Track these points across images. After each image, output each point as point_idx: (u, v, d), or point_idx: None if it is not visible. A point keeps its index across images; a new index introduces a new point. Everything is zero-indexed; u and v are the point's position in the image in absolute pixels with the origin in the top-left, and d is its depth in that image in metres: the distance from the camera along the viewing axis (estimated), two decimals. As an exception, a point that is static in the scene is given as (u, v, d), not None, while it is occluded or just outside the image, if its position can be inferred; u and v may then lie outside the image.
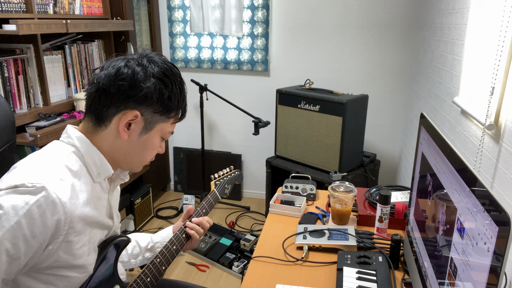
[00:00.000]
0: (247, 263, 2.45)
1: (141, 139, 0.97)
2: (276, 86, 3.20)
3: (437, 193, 0.93)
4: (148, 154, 1.01)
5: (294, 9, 3.01)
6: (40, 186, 0.79)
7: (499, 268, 0.59)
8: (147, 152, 1.00)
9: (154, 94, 0.93)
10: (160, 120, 0.97)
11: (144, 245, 1.27)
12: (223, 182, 1.46)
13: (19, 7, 1.91)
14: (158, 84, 0.94)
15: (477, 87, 1.50)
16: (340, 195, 1.42)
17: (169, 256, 1.12)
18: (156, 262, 1.08)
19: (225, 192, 1.46)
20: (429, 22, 2.44)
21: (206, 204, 1.31)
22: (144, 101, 0.93)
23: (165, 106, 0.96)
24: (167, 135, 1.03)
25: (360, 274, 1.12)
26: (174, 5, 3.19)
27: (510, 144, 1.15)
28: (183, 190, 3.62)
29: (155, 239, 1.28)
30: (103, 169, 0.96)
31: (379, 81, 3.02)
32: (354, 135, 2.56)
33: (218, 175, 1.46)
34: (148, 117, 0.95)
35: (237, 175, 1.55)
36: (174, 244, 1.15)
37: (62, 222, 0.81)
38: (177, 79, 1.00)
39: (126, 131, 0.94)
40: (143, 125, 0.95)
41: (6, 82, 1.90)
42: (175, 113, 1.01)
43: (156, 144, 1.01)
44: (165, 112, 0.97)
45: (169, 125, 1.01)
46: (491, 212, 0.62)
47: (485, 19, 1.46)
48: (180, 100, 1.00)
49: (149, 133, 0.97)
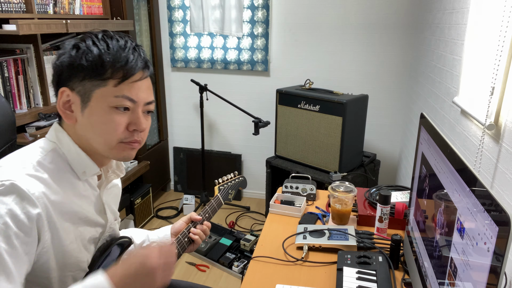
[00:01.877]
0: (247, 263, 2.45)
1: (85, 115, 0.88)
2: (276, 86, 3.20)
3: (437, 193, 0.93)
4: (104, 131, 0.88)
5: (294, 9, 3.01)
6: (8, 183, 0.78)
7: (499, 268, 0.59)
8: (100, 129, 0.88)
9: (67, 63, 0.87)
10: (94, 87, 0.86)
11: (139, 243, 1.24)
12: (227, 187, 1.45)
13: (19, 7, 1.91)
14: (72, 52, 0.87)
15: (477, 87, 1.50)
16: (340, 195, 1.42)
17: None
18: None
19: (228, 198, 1.44)
20: (429, 22, 2.44)
21: (210, 209, 1.31)
22: (64, 74, 0.87)
23: (88, 68, 0.85)
24: (119, 101, 0.87)
25: (360, 274, 1.12)
26: (174, 5, 3.19)
27: (510, 144, 1.15)
28: (183, 190, 3.62)
29: (152, 238, 1.26)
30: (87, 167, 0.93)
31: (379, 81, 3.02)
32: (354, 135, 2.56)
33: (222, 180, 1.45)
34: (79, 88, 0.87)
35: (241, 180, 1.54)
36: (176, 248, 1.14)
37: (42, 217, 0.80)
38: (97, 36, 0.89)
39: (69, 113, 0.89)
40: (80, 99, 0.87)
41: (6, 82, 1.90)
42: (111, 72, 0.86)
43: (106, 117, 0.87)
44: (94, 75, 0.86)
45: (111, 88, 0.86)
46: (491, 212, 0.62)
47: (485, 19, 1.46)
48: (108, 54, 0.86)
49: (89, 105, 0.87)
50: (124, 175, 2.83)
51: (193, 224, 1.23)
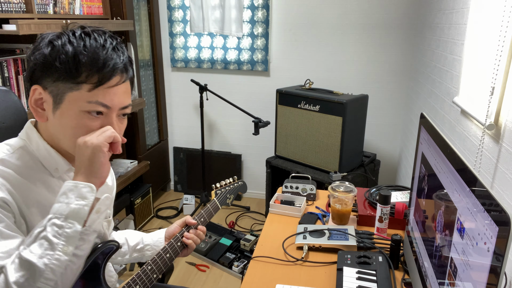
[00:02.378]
0: (247, 263, 2.45)
1: (56, 116, 0.85)
2: (276, 86, 3.20)
3: (437, 193, 0.93)
4: (78, 135, 0.85)
5: (294, 9, 3.01)
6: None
7: (499, 268, 0.59)
8: (74, 133, 0.85)
9: (40, 62, 0.83)
10: (67, 89, 0.82)
11: (133, 245, 1.23)
12: (225, 191, 1.43)
13: (19, 7, 1.91)
14: (46, 50, 0.83)
15: (477, 87, 1.50)
16: (340, 195, 1.42)
17: (162, 264, 1.09)
18: (147, 270, 1.05)
19: (226, 202, 1.43)
20: (429, 22, 2.44)
21: (205, 214, 1.29)
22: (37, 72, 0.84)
23: (62, 70, 0.82)
24: (92, 107, 0.83)
25: (360, 274, 1.12)
26: (174, 5, 3.19)
27: (510, 144, 1.15)
28: (183, 190, 3.62)
29: (146, 241, 1.24)
30: (58, 163, 0.92)
31: (379, 81, 3.02)
32: (354, 135, 2.56)
33: (220, 184, 1.44)
34: (52, 88, 0.84)
35: (240, 185, 1.52)
36: (168, 252, 1.12)
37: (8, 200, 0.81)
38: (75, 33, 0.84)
39: (40, 111, 0.87)
40: (52, 100, 0.84)
41: (6, 82, 1.90)
42: (86, 76, 0.82)
43: (78, 121, 0.84)
44: (68, 78, 0.82)
45: (85, 93, 0.82)
46: (491, 212, 0.62)
47: (485, 19, 1.46)
48: (84, 55, 0.81)
49: (61, 107, 0.84)
50: (124, 175, 2.83)
51: (187, 228, 1.21)
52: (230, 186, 1.46)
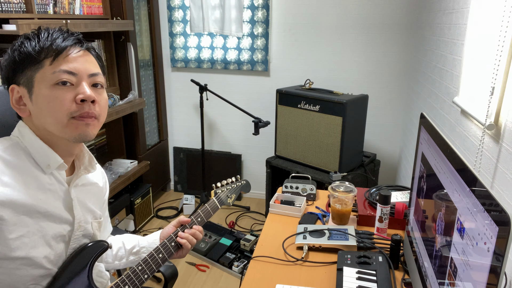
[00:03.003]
0: (247, 263, 2.45)
1: (34, 102, 0.90)
2: (276, 86, 3.20)
3: (437, 193, 0.93)
4: (52, 110, 0.89)
5: (294, 9, 3.01)
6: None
7: (499, 268, 0.59)
8: (49, 109, 0.89)
9: (6, 61, 0.92)
10: (34, 72, 0.89)
11: (129, 248, 1.22)
12: (226, 191, 1.40)
13: (19, 7, 1.91)
14: (8, 51, 0.93)
15: (477, 87, 1.51)
16: (340, 195, 1.42)
17: (154, 265, 1.07)
18: (137, 270, 1.03)
19: (227, 202, 1.39)
20: (429, 22, 2.44)
21: (202, 213, 1.25)
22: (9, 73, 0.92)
23: (24, 58, 0.89)
24: (57, 76, 0.89)
25: (360, 274, 1.12)
26: (174, 5, 3.19)
27: (510, 144, 1.15)
28: (183, 190, 3.62)
29: (142, 244, 1.23)
30: (50, 159, 0.93)
31: (379, 81, 3.02)
32: (354, 135, 2.56)
33: (221, 184, 1.41)
34: (23, 80, 0.91)
35: (243, 184, 1.49)
36: (161, 252, 1.09)
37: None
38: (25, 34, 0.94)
39: (22, 108, 0.93)
40: (27, 90, 0.91)
41: (6, 82, 1.90)
42: (44, 54, 0.89)
43: (50, 95, 0.88)
44: (30, 62, 0.89)
45: (48, 68, 0.89)
46: (491, 212, 0.62)
47: (485, 19, 1.46)
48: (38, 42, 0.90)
49: (34, 91, 0.90)
50: (124, 175, 2.82)
51: (181, 228, 1.18)
52: (231, 185, 1.44)
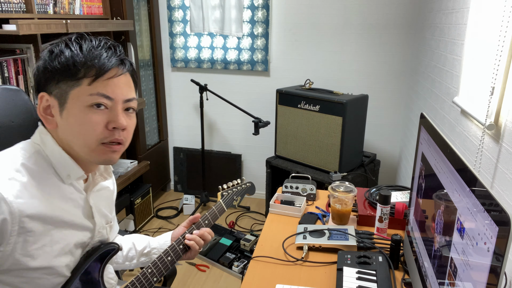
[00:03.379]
0: (247, 263, 2.45)
1: (63, 118, 0.87)
2: (276, 86, 3.20)
3: (437, 193, 0.93)
4: (86, 131, 0.86)
5: (294, 9, 3.01)
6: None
7: (499, 268, 0.59)
8: (78, 131, 0.86)
9: (42, 67, 0.88)
10: (69, 87, 0.85)
11: (140, 249, 1.22)
12: (231, 193, 1.41)
13: (19, 7, 1.91)
14: (45, 55, 0.88)
15: (477, 87, 1.51)
16: (340, 195, 1.42)
17: (163, 267, 1.07)
18: (147, 273, 1.03)
19: (233, 204, 1.40)
20: (429, 22, 2.44)
21: (210, 216, 1.27)
22: (41, 79, 0.88)
23: (62, 70, 0.85)
24: (94, 99, 0.85)
25: (360, 274, 1.12)
26: (174, 5, 3.19)
27: (510, 144, 1.15)
28: (183, 190, 3.62)
29: (152, 245, 1.23)
30: (71, 170, 0.91)
31: (379, 81, 3.02)
32: (354, 135, 2.56)
33: (227, 186, 1.42)
34: (56, 91, 0.86)
35: (248, 187, 1.50)
36: (169, 255, 1.10)
37: (8, 222, 0.78)
38: (66, 39, 0.89)
39: (50, 118, 0.89)
40: (58, 102, 0.87)
41: (6, 82, 1.90)
42: (84, 72, 0.85)
43: (84, 117, 0.85)
44: (68, 76, 0.85)
45: (86, 87, 0.85)
46: (491, 212, 0.62)
47: (485, 19, 1.46)
48: (80, 55, 0.86)
49: (66, 107, 0.86)
50: (124, 175, 2.82)
51: (189, 230, 1.19)
52: (237, 187, 1.44)
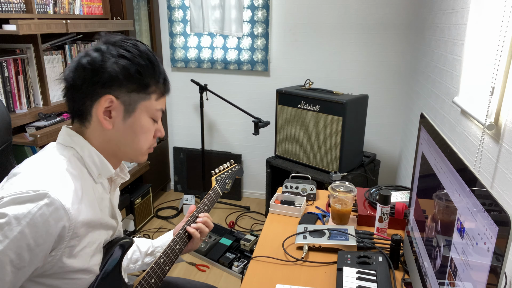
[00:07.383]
0: (247, 263, 2.45)
1: (127, 124, 0.93)
2: (276, 86, 3.20)
3: (437, 193, 0.93)
4: (142, 139, 0.96)
5: (294, 9, 3.01)
6: (43, 193, 0.77)
7: (499, 268, 0.59)
8: (140, 137, 0.95)
9: (120, 73, 0.88)
10: (140, 99, 0.92)
11: (144, 250, 1.24)
12: (224, 177, 1.43)
13: (19, 7, 1.91)
14: (121, 61, 0.89)
15: (477, 87, 1.51)
16: (340, 195, 1.42)
17: (173, 256, 1.10)
18: (160, 263, 1.06)
19: (226, 188, 1.42)
20: (429, 22, 2.44)
21: (208, 201, 1.28)
22: (112, 83, 0.88)
23: (138, 82, 0.91)
24: (157, 114, 0.97)
25: (360, 274, 1.12)
26: (174, 5, 3.19)
27: (510, 144, 1.15)
28: (183, 190, 3.62)
29: (156, 244, 1.26)
30: (103, 169, 0.94)
31: (379, 81, 3.02)
32: (354, 135, 2.56)
33: (219, 170, 1.44)
34: (125, 98, 0.91)
35: (237, 169, 1.53)
36: (177, 243, 1.13)
37: (66, 229, 0.80)
38: (142, 52, 0.93)
39: (108, 119, 0.91)
40: (124, 108, 0.91)
41: (6, 82, 1.90)
42: (155, 88, 0.94)
43: (147, 126, 0.96)
44: (142, 89, 0.92)
45: (153, 102, 0.95)
46: (491, 212, 0.62)
47: (485, 19, 1.46)
48: (155, 72, 0.93)
49: (133, 115, 0.93)
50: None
51: (192, 217, 1.20)
52: (228, 171, 1.47)
